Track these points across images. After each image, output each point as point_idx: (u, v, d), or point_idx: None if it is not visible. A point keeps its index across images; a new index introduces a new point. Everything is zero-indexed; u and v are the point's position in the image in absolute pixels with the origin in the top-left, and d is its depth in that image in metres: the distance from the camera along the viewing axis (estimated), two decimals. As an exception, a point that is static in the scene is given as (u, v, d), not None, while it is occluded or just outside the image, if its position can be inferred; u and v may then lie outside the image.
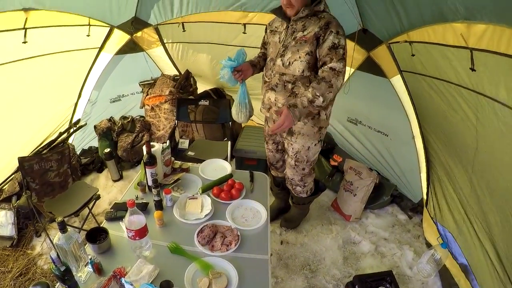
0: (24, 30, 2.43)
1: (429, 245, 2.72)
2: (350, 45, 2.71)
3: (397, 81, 2.76)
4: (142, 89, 3.93)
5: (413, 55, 2.28)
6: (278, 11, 2.10)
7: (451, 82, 1.98)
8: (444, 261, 2.39)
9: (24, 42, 2.47)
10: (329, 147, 3.56)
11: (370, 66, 2.95)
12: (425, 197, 2.93)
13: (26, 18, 2.40)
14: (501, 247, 1.86)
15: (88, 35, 3.01)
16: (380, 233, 2.89)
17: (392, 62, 2.67)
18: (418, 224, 2.98)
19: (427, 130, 2.65)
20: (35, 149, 2.95)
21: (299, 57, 2.00)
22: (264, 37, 2.36)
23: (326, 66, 1.93)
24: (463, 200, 2.30)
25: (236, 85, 2.22)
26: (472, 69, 1.65)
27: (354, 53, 2.85)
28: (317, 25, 1.96)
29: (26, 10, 2.35)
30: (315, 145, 2.30)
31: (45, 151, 2.77)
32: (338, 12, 2.20)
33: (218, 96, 3.87)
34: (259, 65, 2.30)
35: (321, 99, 1.88)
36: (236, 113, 2.33)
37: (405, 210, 3.10)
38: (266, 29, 2.32)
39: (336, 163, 3.35)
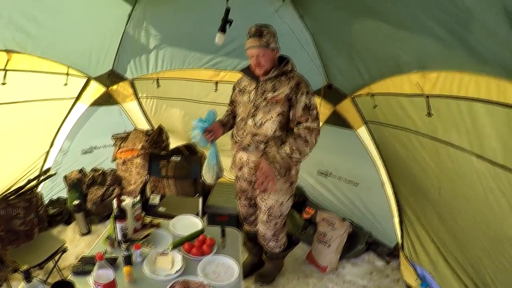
0: (4, 72, 2.44)
1: None
2: (317, 100, 2.86)
3: (362, 132, 2.90)
4: (115, 142, 3.90)
5: (375, 106, 2.43)
6: (247, 71, 2.21)
7: (409, 130, 2.12)
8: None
9: (3, 84, 2.46)
10: (301, 200, 3.56)
11: (336, 119, 3.10)
12: (400, 240, 2.95)
13: (8, 60, 2.41)
14: (479, 279, 1.88)
15: (65, 84, 3.05)
16: (358, 281, 2.83)
17: (356, 114, 2.83)
18: (396, 268, 2.95)
19: (395, 176, 2.75)
20: (1, 194, 2.83)
21: (271, 117, 2.07)
22: (231, 95, 2.43)
23: (301, 125, 2.04)
24: (435, 239, 2.35)
25: (207, 145, 2.26)
26: (429, 114, 1.79)
27: (321, 108, 3.00)
28: (287, 86, 2.07)
29: (8, 51, 2.37)
30: (287, 200, 2.31)
31: (12, 196, 2.67)
32: (305, 70, 2.37)
33: (190, 152, 3.87)
34: (229, 123, 2.36)
35: (297, 153, 2.00)
36: (205, 173, 2.35)
37: (381, 256, 3.08)
38: (234, 87, 2.40)
39: (308, 216, 3.34)
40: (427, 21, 1.39)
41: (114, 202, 1.95)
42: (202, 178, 2.39)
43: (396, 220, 2.93)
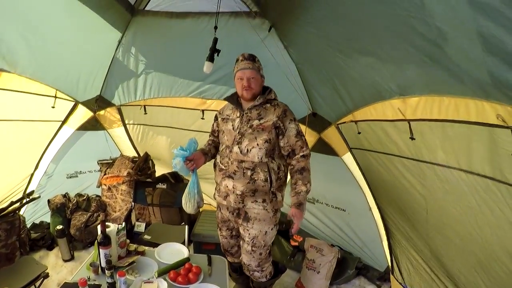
0: None
1: (402, 310, 2.66)
2: (302, 128, 2.92)
3: (348, 158, 2.95)
4: (100, 168, 3.85)
5: (359, 133, 2.50)
6: (231, 99, 2.26)
7: (393, 155, 2.18)
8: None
9: None
10: (288, 227, 3.54)
11: (322, 147, 3.14)
12: (390, 264, 2.94)
13: None
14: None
15: (53, 107, 3.07)
16: (350, 307, 2.77)
17: (341, 141, 2.88)
18: (388, 291, 2.92)
19: (381, 201, 2.78)
20: None
21: (257, 144, 2.09)
22: (213, 125, 2.44)
23: (298, 156, 2.12)
24: (426, 258, 2.36)
25: (188, 174, 2.23)
26: (412, 138, 1.85)
27: (307, 135, 3.02)
28: (273, 113, 2.12)
29: None
30: (271, 229, 2.27)
31: None
32: (289, 98, 2.44)
33: (176, 180, 3.83)
34: (210, 153, 2.36)
35: (309, 184, 2.10)
36: (185, 202, 2.31)
37: (372, 280, 3.06)
38: (216, 117, 2.41)
39: (296, 243, 3.31)
40: (406, 47, 1.47)
41: (99, 227, 1.92)
42: (183, 207, 2.35)
43: (385, 243, 2.94)
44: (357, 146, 2.72)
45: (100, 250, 1.91)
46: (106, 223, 2.00)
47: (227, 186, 2.21)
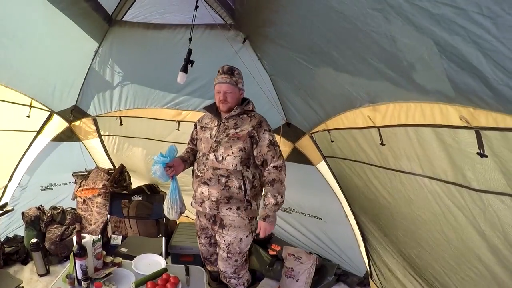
0: None
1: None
2: (277, 138, 2.98)
3: (322, 166, 3.03)
4: (75, 180, 3.75)
5: (332, 141, 2.58)
6: (210, 108, 2.31)
7: (363, 162, 2.26)
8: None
9: None
10: (266, 237, 3.54)
11: (296, 156, 3.21)
12: (368, 269, 3.01)
13: None
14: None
15: (28, 116, 3.04)
16: (332, 313, 2.80)
17: (315, 150, 2.97)
18: (368, 296, 2.97)
19: (355, 208, 2.87)
20: None
21: (232, 152, 2.14)
22: (192, 133, 2.49)
23: (269, 167, 2.16)
24: (400, 263, 2.43)
25: (168, 181, 2.25)
26: (382, 144, 1.93)
27: (281, 145, 3.08)
28: (249, 123, 2.18)
29: None
30: (247, 236, 2.30)
31: None
32: (264, 109, 2.50)
33: (152, 191, 3.80)
34: (189, 160, 2.40)
35: (279, 197, 2.15)
36: (167, 209, 2.33)
37: (352, 286, 3.10)
38: (195, 125, 2.46)
39: (275, 252, 3.32)
40: (371, 59, 1.56)
41: (74, 239, 1.89)
42: (166, 214, 2.36)
43: (363, 249, 3.01)
44: (330, 154, 2.80)
45: (76, 261, 1.88)
46: (82, 234, 1.96)
47: (202, 193, 2.25)
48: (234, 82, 2.16)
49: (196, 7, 2.32)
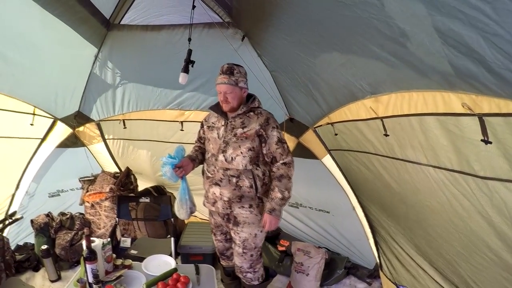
0: None
1: (393, 305, 2.70)
2: (281, 133, 2.99)
3: (327, 160, 3.02)
4: (82, 185, 3.79)
5: (336, 134, 2.57)
6: (215, 108, 2.29)
7: (370, 153, 2.25)
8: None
9: None
10: (274, 233, 3.56)
11: (301, 151, 3.20)
12: (378, 261, 3.00)
13: None
14: (463, 284, 1.93)
15: (31, 124, 3.06)
16: (343, 306, 2.81)
17: (320, 144, 2.96)
18: (379, 288, 2.97)
19: (363, 199, 2.85)
20: None
21: (241, 152, 2.14)
22: (199, 131, 2.48)
23: (278, 163, 2.15)
24: (410, 253, 2.41)
25: (178, 181, 2.25)
26: (386, 135, 1.92)
27: (285, 141, 3.12)
28: (256, 121, 2.16)
29: None
30: (261, 231, 2.32)
31: None
32: (266, 105, 2.48)
33: (159, 193, 3.83)
34: (197, 159, 2.39)
35: (287, 192, 2.13)
36: (178, 209, 2.34)
37: (362, 279, 3.10)
38: (202, 124, 2.45)
39: (284, 248, 3.33)
40: (372, 46, 1.54)
41: (84, 243, 1.90)
42: (177, 214, 2.37)
43: (372, 241, 3.01)
44: (335, 147, 2.80)
45: (87, 265, 1.90)
46: (91, 238, 1.98)
47: (214, 193, 2.26)
48: (233, 81, 2.12)
49: (193, 7, 2.32)
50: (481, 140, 1.26)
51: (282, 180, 2.13)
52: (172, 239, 3.02)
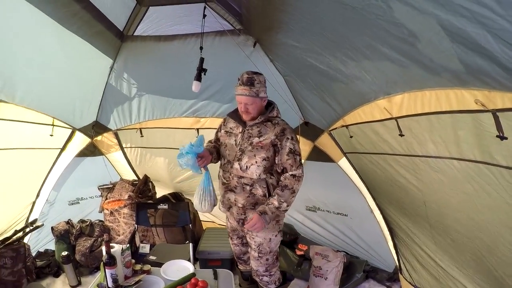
0: None
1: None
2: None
3: (343, 163, 3.00)
4: (101, 193, 3.87)
5: (351, 136, 2.55)
6: (234, 115, 2.29)
7: (386, 154, 2.22)
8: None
9: None
10: (292, 238, 3.54)
11: (317, 155, 3.20)
12: (398, 263, 2.95)
13: None
14: (489, 282, 1.88)
15: (51, 135, 3.13)
16: (362, 310, 2.76)
17: (335, 147, 2.94)
18: (399, 291, 2.91)
19: (381, 201, 2.81)
20: None
21: (256, 162, 2.14)
22: (217, 133, 2.47)
23: (288, 173, 2.13)
24: (431, 252, 2.36)
25: (198, 172, 2.18)
26: (401, 135, 1.89)
27: (301, 145, 3.04)
28: (273, 132, 2.16)
29: None
30: (275, 236, 2.33)
31: None
32: (281, 110, 2.47)
33: (177, 199, 3.87)
34: (214, 154, 2.36)
35: (285, 204, 2.11)
36: (199, 202, 2.29)
37: (382, 282, 3.06)
38: (220, 127, 2.44)
39: (302, 252, 3.31)
40: (381, 47, 1.53)
41: (103, 248, 1.94)
42: (197, 207, 2.33)
43: (391, 244, 2.96)
44: (350, 150, 2.77)
45: (106, 270, 1.93)
46: (111, 244, 2.02)
47: (229, 199, 2.29)
48: (254, 93, 2.09)
49: (204, 16, 2.35)
50: (497, 136, 1.23)
51: (285, 191, 2.10)
52: (191, 244, 3.04)
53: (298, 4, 1.78)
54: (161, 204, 3.35)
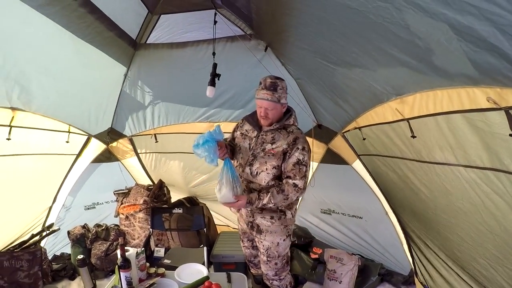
0: (9, 128, 2.57)
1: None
2: (309, 140, 2.94)
3: (357, 165, 2.98)
4: (117, 198, 3.93)
5: (364, 139, 2.53)
6: (251, 119, 2.28)
7: (397, 157, 2.19)
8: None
9: (8, 139, 2.58)
10: (307, 241, 3.52)
11: (331, 157, 3.19)
12: (413, 267, 2.91)
13: (13, 117, 2.56)
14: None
15: (67, 141, 3.20)
16: (377, 313, 2.73)
17: (349, 149, 2.92)
18: (414, 295, 2.86)
19: (394, 204, 2.78)
20: (5, 247, 2.87)
21: (266, 169, 2.13)
22: (233, 133, 2.43)
23: (290, 180, 2.08)
24: (443, 259, 2.32)
25: (214, 163, 2.00)
26: (413, 136, 1.87)
27: (314, 147, 3.06)
28: (285, 140, 2.13)
29: (13, 109, 2.52)
30: (283, 240, 2.30)
31: (16, 250, 2.71)
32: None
33: (192, 204, 3.91)
34: (229, 149, 2.29)
35: (271, 205, 2.09)
36: (227, 191, 2.05)
37: (397, 285, 3.01)
38: (236, 128, 2.42)
39: (316, 255, 3.28)
40: (391, 50, 1.52)
41: (118, 251, 1.97)
42: (224, 199, 2.10)
43: (406, 247, 2.92)
44: (364, 152, 2.75)
45: (121, 273, 1.96)
46: (125, 247, 2.05)
47: None
48: (276, 99, 2.06)
49: (215, 22, 2.39)
50: (510, 135, 1.20)
51: (280, 194, 2.05)
52: (205, 248, 3.06)
53: (304, 8, 1.79)
54: (176, 209, 3.38)
